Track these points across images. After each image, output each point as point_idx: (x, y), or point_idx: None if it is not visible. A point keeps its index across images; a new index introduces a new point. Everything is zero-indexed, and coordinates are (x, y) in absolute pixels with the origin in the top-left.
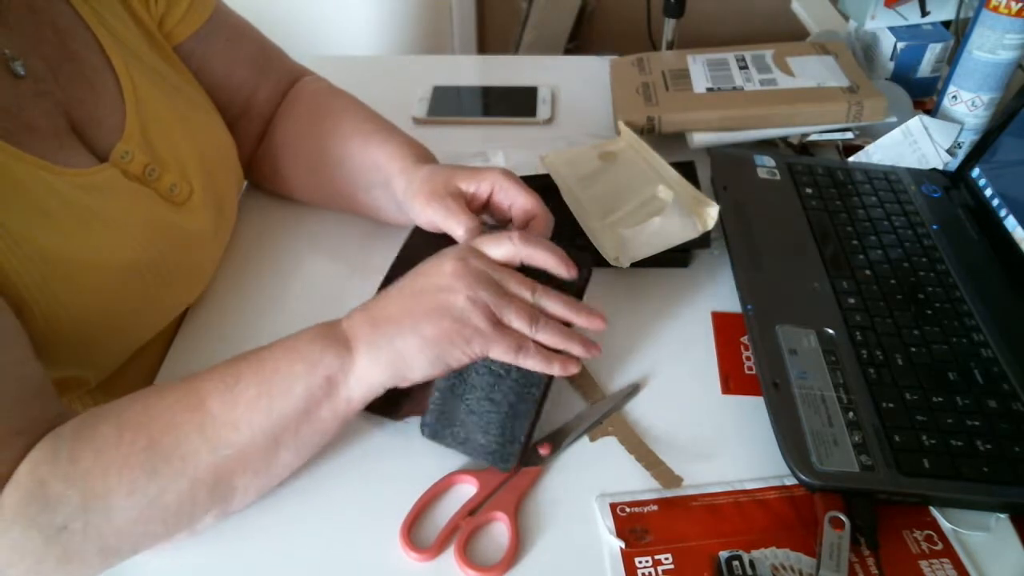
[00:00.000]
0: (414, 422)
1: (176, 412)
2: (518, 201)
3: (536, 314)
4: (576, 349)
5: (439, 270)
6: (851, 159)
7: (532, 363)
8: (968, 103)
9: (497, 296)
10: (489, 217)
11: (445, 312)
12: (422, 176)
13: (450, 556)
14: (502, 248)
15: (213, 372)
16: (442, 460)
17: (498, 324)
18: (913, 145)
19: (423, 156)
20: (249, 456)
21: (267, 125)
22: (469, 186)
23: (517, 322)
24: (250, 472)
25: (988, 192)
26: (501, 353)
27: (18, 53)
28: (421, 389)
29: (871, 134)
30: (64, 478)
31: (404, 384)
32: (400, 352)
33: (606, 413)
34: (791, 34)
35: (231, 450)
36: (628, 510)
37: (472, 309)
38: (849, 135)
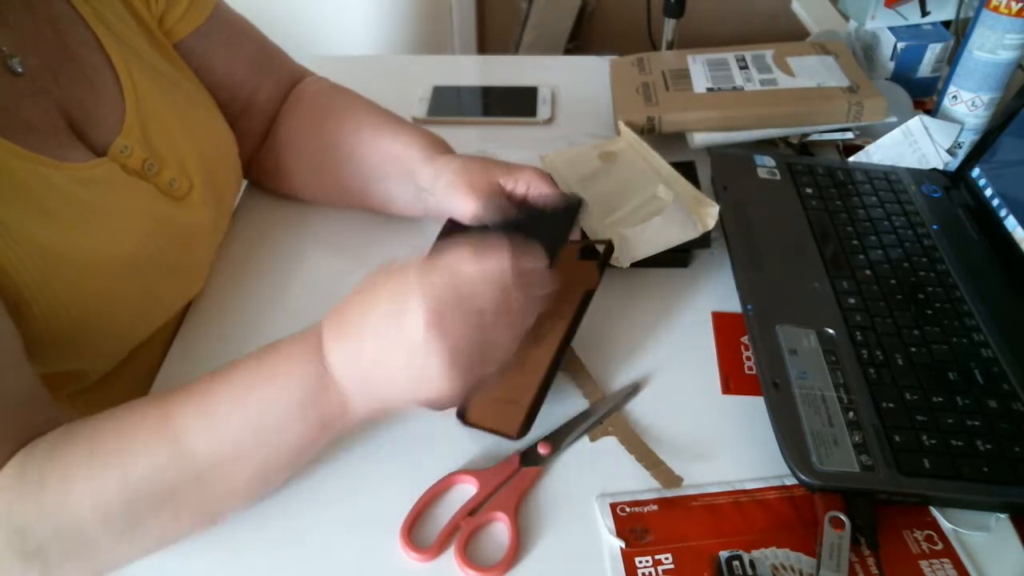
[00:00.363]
0: (413, 421)
1: (150, 444)
2: (551, 201)
3: (520, 319)
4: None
5: (416, 320)
6: (851, 159)
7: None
8: (968, 103)
9: (481, 337)
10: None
11: (434, 376)
12: (455, 168)
13: (450, 556)
14: (489, 266)
15: (188, 400)
16: (442, 460)
17: (485, 358)
18: (913, 145)
19: (442, 145)
20: (238, 489)
21: (269, 123)
22: (507, 182)
23: (507, 341)
24: (239, 499)
25: (988, 192)
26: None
27: (16, 50)
28: None
29: (871, 134)
30: (34, 506)
31: None
32: (396, 405)
33: (606, 413)
34: (791, 34)
35: (219, 487)
36: (628, 510)
37: (457, 365)
38: (849, 135)
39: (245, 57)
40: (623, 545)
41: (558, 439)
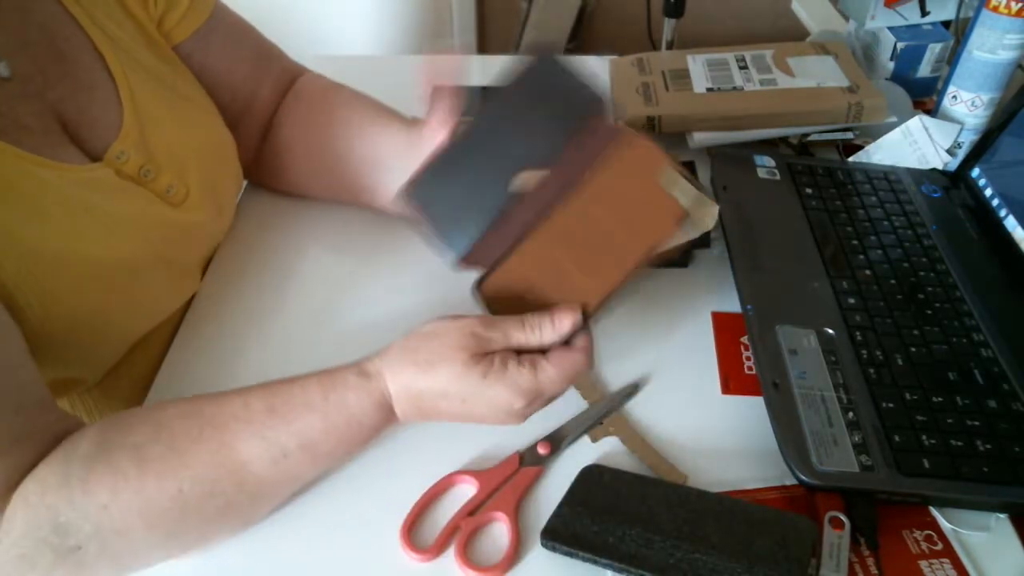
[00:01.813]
0: None
1: (211, 467)
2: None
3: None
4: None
5: (495, 404)
6: (851, 159)
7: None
8: (968, 103)
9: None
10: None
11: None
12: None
13: (450, 556)
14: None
15: (248, 429)
16: (442, 460)
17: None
18: (913, 145)
19: None
20: (283, 498)
21: (269, 123)
22: None
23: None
24: (277, 504)
25: (988, 192)
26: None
27: (3, 54)
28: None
29: (871, 134)
30: (78, 509)
31: None
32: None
33: (606, 413)
34: (791, 34)
35: (268, 500)
36: None
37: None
38: (849, 135)
39: (245, 57)
40: None
41: (557, 439)
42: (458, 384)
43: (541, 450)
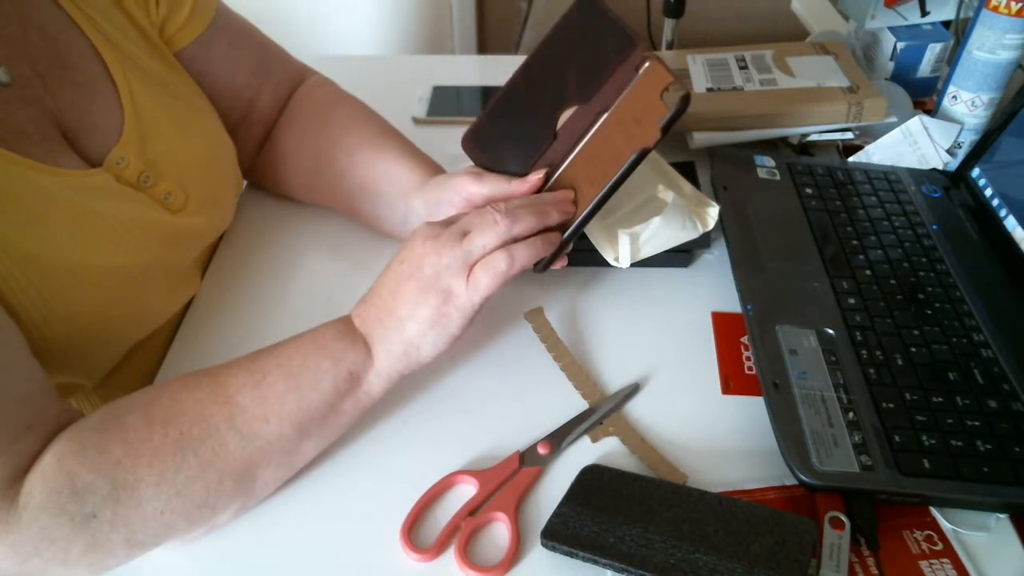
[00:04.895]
0: (413, 421)
1: (206, 405)
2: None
3: (502, 224)
4: (554, 218)
5: (412, 254)
6: (851, 159)
7: (524, 260)
8: (968, 103)
9: (460, 248)
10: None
11: (427, 290)
12: (442, 176)
13: (450, 556)
14: (487, 230)
15: (237, 368)
16: (442, 460)
17: (475, 265)
18: (913, 145)
19: (437, 169)
20: (276, 447)
21: (267, 130)
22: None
23: (491, 245)
24: (273, 463)
25: (988, 192)
26: (493, 286)
27: (2, 60)
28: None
29: (871, 134)
30: (94, 468)
31: (419, 368)
32: (408, 341)
33: (606, 413)
34: (791, 34)
35: (260, 442)
36: None
37: (444, 275)
38: (849, 135)
39: (246, 62)
40: None
41: (558, 439)
42: (396, 255)
43: (541, 450)
